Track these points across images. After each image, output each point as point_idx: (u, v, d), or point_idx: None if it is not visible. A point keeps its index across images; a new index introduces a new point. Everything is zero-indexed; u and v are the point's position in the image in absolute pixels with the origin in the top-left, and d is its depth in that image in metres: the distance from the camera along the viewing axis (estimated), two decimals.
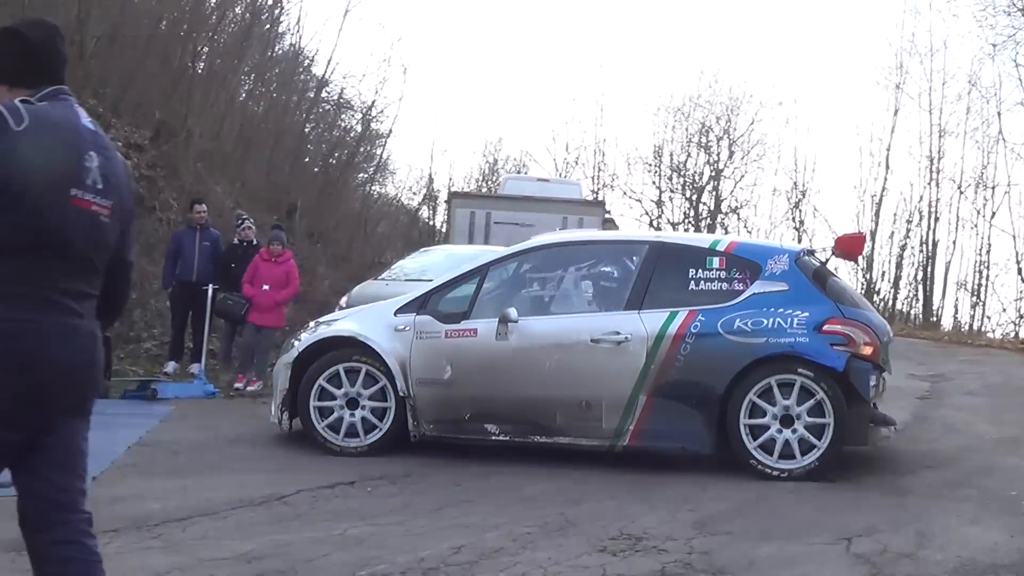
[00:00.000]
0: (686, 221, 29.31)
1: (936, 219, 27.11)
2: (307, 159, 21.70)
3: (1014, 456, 6.04)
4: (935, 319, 24.96)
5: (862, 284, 27.44)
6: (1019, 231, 25.60)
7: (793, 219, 28.77)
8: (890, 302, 26.52)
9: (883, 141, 27.82)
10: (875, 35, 41.28)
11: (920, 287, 27.05)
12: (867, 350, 5.50)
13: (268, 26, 18.88)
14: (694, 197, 29.37)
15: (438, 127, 64.40)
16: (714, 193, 29.44)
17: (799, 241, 26.29)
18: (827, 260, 6.34)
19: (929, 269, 26.64)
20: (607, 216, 16.39)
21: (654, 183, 29.78)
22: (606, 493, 5.02)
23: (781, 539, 4.12)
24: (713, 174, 29.36)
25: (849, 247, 6.42)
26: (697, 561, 3.76)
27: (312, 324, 6.69)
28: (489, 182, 29.66)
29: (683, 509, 4.64)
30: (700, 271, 5.77)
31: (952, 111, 26.87)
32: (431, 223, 29.11)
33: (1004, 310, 23.99)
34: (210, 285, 9.29)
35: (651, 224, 29.25)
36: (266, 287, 9.01)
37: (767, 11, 46.69)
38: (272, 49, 19.68)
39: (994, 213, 26.11)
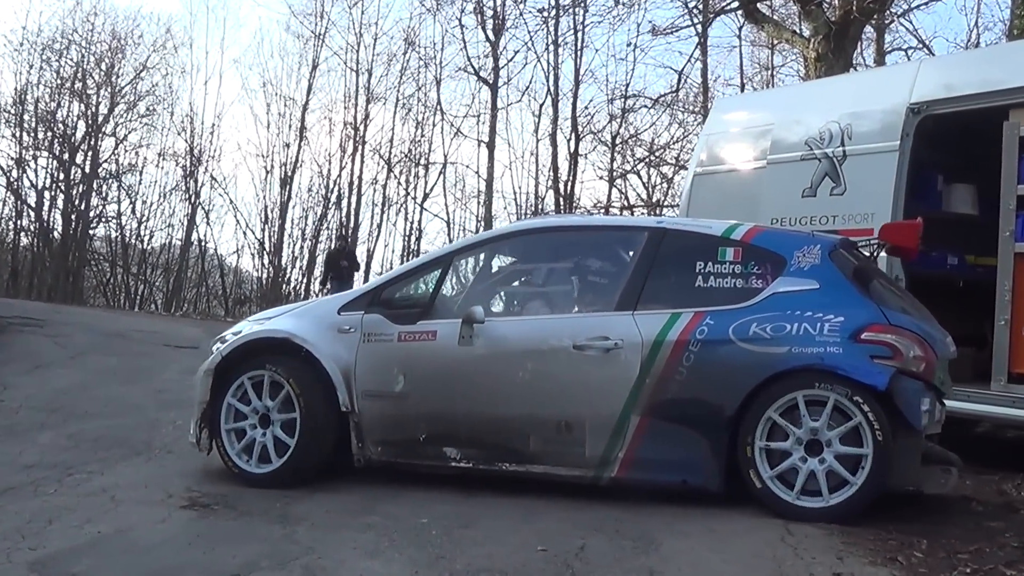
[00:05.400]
0: (55, 186, 24.31)
1: (360, 196, 24.02)
2: None
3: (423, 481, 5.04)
4: None
5: (268, 269, 24.14)
6: (454, 216, 23.09)
7: (187, 189, 24.57)
8: (302, 291, 23.28)
9: (298, 101, 24.02)
10: None
11: None
12: (918, 366, 4.54)
13: None
14: (66, 156, 24.03)
15: None
16: (91, 153, 24.28)
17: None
18: (875, 254, 5.36)
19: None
20: None
21: (15, 136, 23.75)
22: None
23: None
24: (91, 129, 24.22)
25: (900, 236, 5.38)
26: None
27: (244, 322, 5.70)
28: None
29: (21, 547, 3.91)
30: (710, 264, 4.84)
31: (384, 73, 23.89)
32: None
33: None
34: None
35: (9, 186, 23.93)
36: None
37: None
38: None
39: (427, 195, 23.49)
